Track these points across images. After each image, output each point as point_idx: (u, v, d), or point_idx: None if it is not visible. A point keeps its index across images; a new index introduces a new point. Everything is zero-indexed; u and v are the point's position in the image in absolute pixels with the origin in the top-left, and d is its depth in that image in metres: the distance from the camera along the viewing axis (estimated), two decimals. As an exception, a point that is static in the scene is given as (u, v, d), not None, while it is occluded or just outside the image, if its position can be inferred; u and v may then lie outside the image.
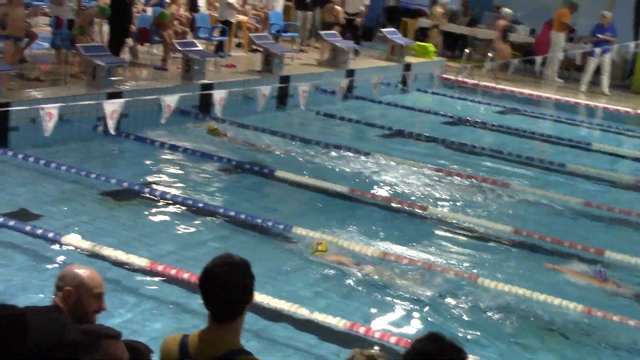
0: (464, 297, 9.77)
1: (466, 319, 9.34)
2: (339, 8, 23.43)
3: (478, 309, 9.58)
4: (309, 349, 8.38)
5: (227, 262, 4.23)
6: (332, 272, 10.19)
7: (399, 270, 10.39)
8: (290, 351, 8.28)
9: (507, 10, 25.05)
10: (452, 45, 27.23)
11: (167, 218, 11.59)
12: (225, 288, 4.17)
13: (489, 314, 9.50)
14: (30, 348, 4.03)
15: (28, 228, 10.41)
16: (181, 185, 13.07)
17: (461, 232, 12.16)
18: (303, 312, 8.76)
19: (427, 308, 9.51)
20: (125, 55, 18.95)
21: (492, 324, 9.32)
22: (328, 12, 23.61)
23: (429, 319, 9.27)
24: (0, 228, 10.38)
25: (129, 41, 19.37)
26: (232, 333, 4.24)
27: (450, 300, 9.69)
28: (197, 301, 8.68)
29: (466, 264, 10.90)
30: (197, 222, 11.54)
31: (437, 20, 26.04)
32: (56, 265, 9.71)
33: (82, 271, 4.86)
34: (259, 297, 8.34)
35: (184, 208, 11.86)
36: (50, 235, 10.22)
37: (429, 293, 9.83)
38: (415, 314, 9.36)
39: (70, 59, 17.88)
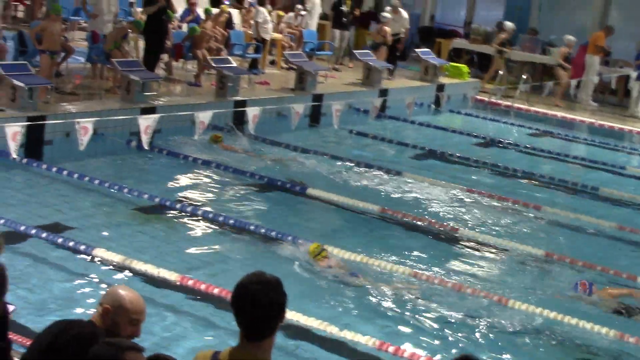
0: (494, 320, 9.70)
1: (496, 341, 9.28)
2: (387, 29, 23.41)
3: (508, 331, 9.52)
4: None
5: (259, 279, 4.21)
6: (362, 291, 10.17)
7: (429, 290, 10.36)
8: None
9: (570, 37, 24.86)
10: (486, 67, 27.13)
11: (198, 233, 11.62)
12: (258, 306, 4.14)
13: (520, 337, 9.45)
14: None
15: (60, 240, 10.46)
16: (213, 201, 13.11)
17: (492, 254, 12.09)
18: (332, 329, 8.74)
19: (457, 329, 9.46)
20: (160, 70, 19.06)
21: (523, 347, 9.26)
22: (377, 32, 23.60)
23: (460, 340, 9.22)
24: (33, 240, 10.46)
25: (164, 57, 19.49)
26: (263, 351, 4.22)
27: (480, 322, 9.63)
28: (227, 317, 8.71)
29: (497, 286, 10.84)
30: (228, 238, 11.57)
31: (500, 46, 25.68)
32: (87, 278, 9.76)
33: (126, 293, 4.84)
34: (289, 315, 8.32)
35: (214, 224, 11.89)
36: (82, 247, 10.27)
37: (459, 314, 9.79)
38: (446, 335, 9.31)
39: (106, 74, 18.02)
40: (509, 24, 25.79)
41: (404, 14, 23.94)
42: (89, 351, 4.11)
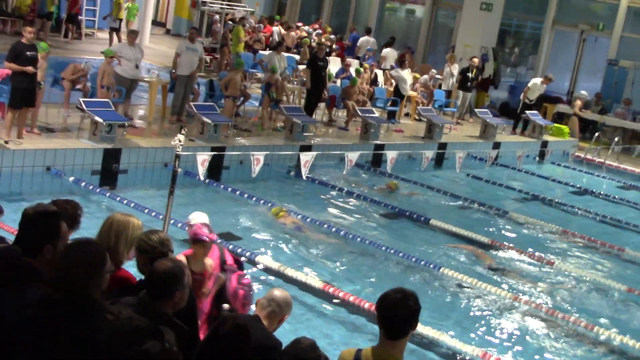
0: (592, 346, 9.40)
1: None
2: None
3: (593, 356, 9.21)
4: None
5: (401, 291, 4.25)
6: (479, 303, 10.01)
7: (525, 310, 10.12)
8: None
9: None
10: (584, 129, 26.43)
11: (340, 249, 11.63)
12: (400, 312, 4.18)
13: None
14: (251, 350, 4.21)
15: (230, 247, 10.63)
16: (352, 224, 13.09)
17: (581, 285, 11.71)
18: (444, 338, 8.63)
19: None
20: (318, 116, 19.26)
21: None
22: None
23: None
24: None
25: (322, 105, 19.70)
26: (398, 350, 4.25)
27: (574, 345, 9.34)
28: (360, 320, 8.70)
29: (585, 313, 10.51)
30: (363, 255, 11.54)
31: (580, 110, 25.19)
32: (250, 278, 9.88)
33: (289, 298, 4.87)
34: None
35: (352, 243, 11.89)
36: (247, 254, 10.43)
37: (552, 339, 9.52)
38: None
39: (274, 117, 18.31)
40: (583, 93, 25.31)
41: (545, 87, 23.47)
42: (245, 341, 4.19)
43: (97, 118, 13.19)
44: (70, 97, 15.09)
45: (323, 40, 25.90)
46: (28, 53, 12.34)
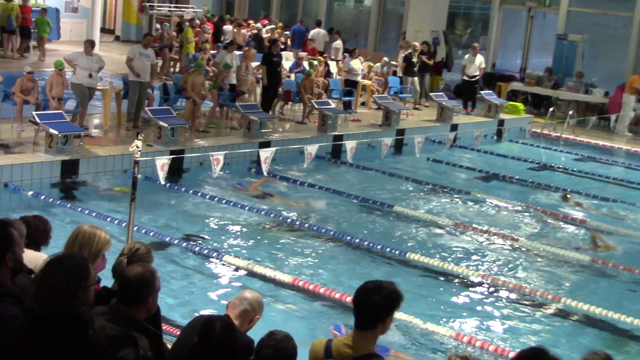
0: (560, 317, 9.55)
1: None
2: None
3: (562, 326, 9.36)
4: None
5: (378, 284, 4.26)
6: (446, 284, 10.10)
7: (492, 288, 10.26)
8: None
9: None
10: (538, 105, 26.72)
11: (306, 242, 11.65)
12: (368, 303, 4.19)
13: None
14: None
15: (197, 249, 10.64)
16: (320, 216, 13.12)
17: (543, 258, 11.88)
18: (417, 322, 8.72)
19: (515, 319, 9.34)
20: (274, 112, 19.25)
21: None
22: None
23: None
24: (175, 248, 10.66)
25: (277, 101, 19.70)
26: (367, 341, 4.24)
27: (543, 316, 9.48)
28: (333, 311, 8.75)
29: (551, 285, 10.70)
30: (331, 246, 11.58)
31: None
32: (218, 279, 9.89)
33: (261, 299, 4.91)
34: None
35: (319, 235, 11.93)
36: (214, 254, 10.44)
37: (521, 313, 9.65)
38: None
39: (231, 115, 18.29)
40: None
41: (480, 57, 23.56)
42: (231, 339, 4.23)
43: (51, 130, 13.08)
44: (23, 111, 14.93)
45: (277, 35, 25.88)
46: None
